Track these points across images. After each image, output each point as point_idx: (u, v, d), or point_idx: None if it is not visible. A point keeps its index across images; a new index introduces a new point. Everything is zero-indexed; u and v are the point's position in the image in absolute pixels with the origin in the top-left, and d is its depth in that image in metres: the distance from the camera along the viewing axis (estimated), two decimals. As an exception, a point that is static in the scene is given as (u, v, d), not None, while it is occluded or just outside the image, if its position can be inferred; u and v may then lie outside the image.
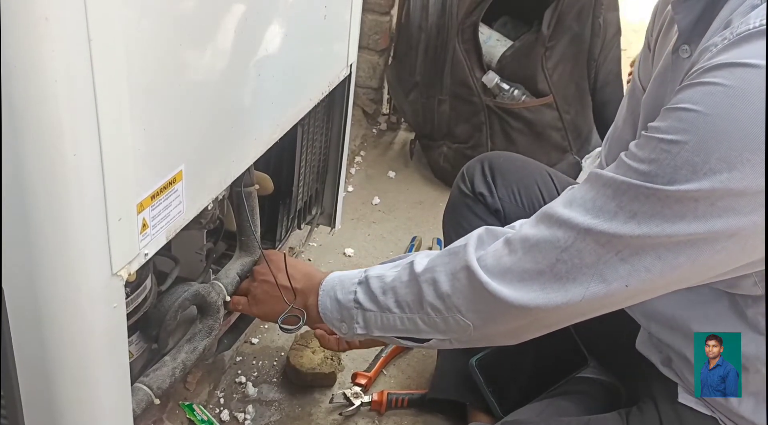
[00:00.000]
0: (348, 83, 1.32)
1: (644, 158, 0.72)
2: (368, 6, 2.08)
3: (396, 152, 2.21)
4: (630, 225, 0.73)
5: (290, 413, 1.31)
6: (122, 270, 0.78)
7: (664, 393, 0.98)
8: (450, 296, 0.87)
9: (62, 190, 0.67)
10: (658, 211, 0.72)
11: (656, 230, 0.72)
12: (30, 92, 0.62)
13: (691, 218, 0.71)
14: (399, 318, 0.92)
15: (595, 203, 0.76)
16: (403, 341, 0.95)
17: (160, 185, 0.81)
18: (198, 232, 1.12)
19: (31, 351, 0.77)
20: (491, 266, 0.84)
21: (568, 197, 0.80)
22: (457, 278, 0.86)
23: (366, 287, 0.95)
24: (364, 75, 2.21)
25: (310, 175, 1.36)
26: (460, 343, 0.91)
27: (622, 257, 0.75)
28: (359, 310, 0.95)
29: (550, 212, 0.81)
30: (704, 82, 0.69)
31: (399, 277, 0.93)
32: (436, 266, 0.89)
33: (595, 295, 0.78)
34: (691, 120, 0.69)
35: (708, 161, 0.68)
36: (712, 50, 0.72)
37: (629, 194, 0.73)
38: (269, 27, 0.97)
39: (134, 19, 0.68)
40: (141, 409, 0.95)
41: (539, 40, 1.88)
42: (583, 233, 0.76)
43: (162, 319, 0.98)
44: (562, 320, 0.85)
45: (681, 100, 0.71)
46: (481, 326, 0.86)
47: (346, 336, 0.99)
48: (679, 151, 0.69)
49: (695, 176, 0.69)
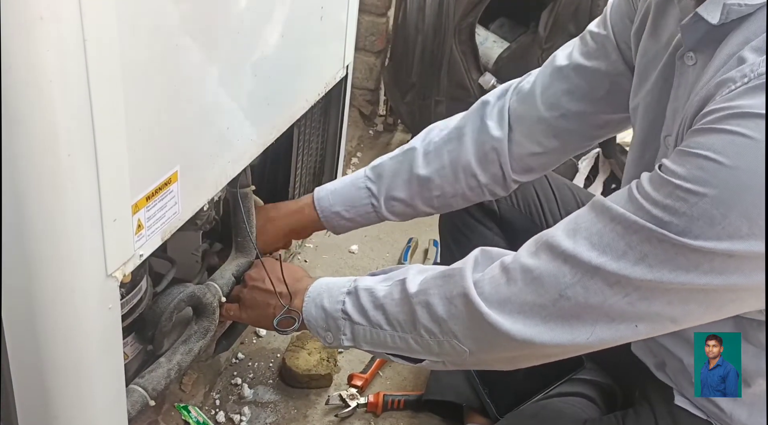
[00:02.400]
0: (344, 84, 1.32)
1: (659, 202, 0.69)
2: (365, 7, 2.07)
3: (393, 154, 2.21)
4: (640, 268, 0.71)
5: (286, 414, 1.31)
6: (117, 271, 0.78)
7: (660, 395, 0.97)
8: (446, 321, 0.85)
9: (57, 190, 0.67)
10: (671, 257, 0.69)
11: (669, 276, 0.70)
12: (25, 92, 0.61)
13: (706, 268, 0.68)
14: (390, 336, 0.90)
15: (602, 238, 0.73)
16: (393, 357, 0.93)
17: (155, 185, 0.81)
18: (194, 233, 1.12)
19: (26, 353, 0.76)
20: (488, 294, 0.81)
21: (572, 227, 0.77)
22: (453, 304, 0.84)
23: (355, 298, 0.93)
24: (360, 76, 2.21)
25: (307, 176, 1.36)
26: (455, 366, 0.90)
27: (629, 301, 0.73)
28: (347, 321, 0.93)
29: (552, 243, 0.77)
30: (728, 131, 0.66)
31: (390, 294, 0.90)
32: (430, 288, 0.87)
33: (602, 335, 0.76)
34: (713, 171, 0.66)
35: (728, 216, 0.65)
36: (731, 87, 0.68)
37: (640, 235, 0.70)
38: (265, 28, 0.97)
39: (129, 20, 0.68)
40: (136, 411, 0.94)
41: (536, 42, 1.88)
42: (591, 272, 0.74)
43: (157, 320, 0.98)
44: (566, 353, 0.82)
45: (701, 146, 0.67)
46: (477, 352, 0.84)
47: (332, 345, 0.97)
48: (697, 202, 0.66)
49: (713, 230, 0.66)
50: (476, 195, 1.12)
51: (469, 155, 1.09)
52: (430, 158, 1.11)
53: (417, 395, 1.33)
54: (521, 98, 1.08)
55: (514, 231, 1.21)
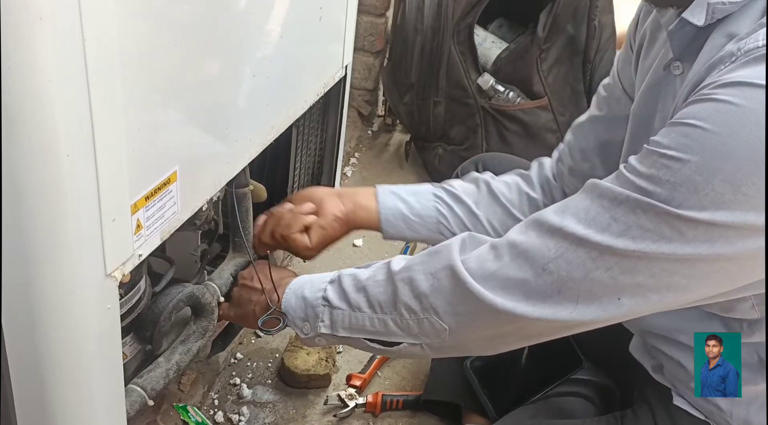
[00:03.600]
0: (343, 85, 1.32)
1: (643, 173, 0.70)
2: (364, 7, 2.08)
3: (391, 154, 2.21)
4: (623, 239, 0.71)
5: (285, 415, 1.31)
6: (116, 271, 0.78)
7: (659, 395, 0.98)
8: (427, 296, 0.84)
9: (56, 190, 0.67)
10: (654, 227, 0.69)
11: (652, 247, 0.70)
12: (24, 92, 0.61)
13: (690, 237, 0.69)
14: (369, 318, 0.90)
15: (588, 212, 0.74)
16: (370, 343, 0.92)
17: (154, 185, 0.81)
18: (192, 233, 1.12)
19: (24, 352, 0.76)
20: (474, 269, 0.81)
21: (562, 205, 0.78)
22: (437, 277, 0.84)
23: (338, 285, 0.93)
24: (359, 76, 2.21)
25: (305, 176, 1.36)
26: (431, 349, 0.88)
27: (612, 274, 0.73)
28: (326, 308, 0.93)
29: (541, 220, 0.78)
30: (713, 99, 0.67)
31: (374, 275, 0.91)
32: (414, 265, 0.87)
33: (585, 310, 0.76)
34: (696, 137, 0.66)
35: (711, 182, 0.66)
36: (721, 68, 0.69)
37: (625, 207, 0.71)
38: (264, 28, 0.97)
39: (129, 20, 0.68)
40: (135, 411, 0.94)
41: (534, 43, 1.88)
42: (575, 245, 0.74)
43: (156, 320, 0.98)
44: (547, 332, 0.82)
45: (686, 115, 0.68)
46: (457, 330, 0.84)
47: (307, 336, 0.95)
48: (680, 168, 0.67)
49: (696, 196, 0.66)
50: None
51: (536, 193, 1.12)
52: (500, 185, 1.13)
53: (415, 395, 1.34)
54: (560, 156, 1.13)
55: None
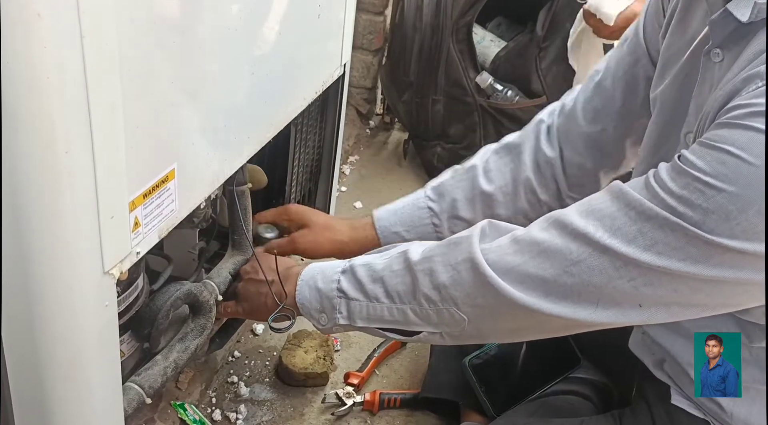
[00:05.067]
0: (342, 83, 1.32)
1: (675, 192, 0.69)
2: (362, 5, 2.08)
3: (390, 152, 2.21)
4: (649, 254, 0.71)
5: (282, 413, 1.31)
6: (114, 269, 0.77)
7: (657, 394, 0.98)
8: (447, 288, 0.84)
9: (54, 187, 0.67)
10: (682, 246, 0.69)
11: (678, 265, 0.70)
12: (22, 90, 0.61)
13: (717, 261, 0.68)
14: (387, 308, 0.89)
15: (615, 221, 0.73)
16: (389, 333, 0.92)
17: (152, 183, 0.81)
18: (190, 231, 1.12)
19: (22, 350, 0.76)
20: (494, 261, 0.81)
21: (586, 208, 0.77)
22: (457, 269, 0.84)
23: (351, 275, 0.92)
24: (358, 75, 2.21)
25: (303, 174, 1.36)
26: (452, 338, 0.88)
27: (634, 285, 0.73)
28: (343, 299, 0.92)
29: (564, 220, 0.78)
30: (753, 128, 0.65)
31: (390, 265, 0.90)
32: (435, 256, 0.87)
33: (605, 314, 0.76)
34: (733, 166, 0.66)
35: (745, 212, 0.65)
36: (758, 84, 0.68)
37: (653, 223, 0.70)
38: (263, 26, 0.97)
39: (127, 17, 0.68)
40: (132, 409, 0.94)
41: (533, 41, 1.88)
42: (599, 253, 0.74)
43: (154, 318, 0.98)
44: (565, 329, 0.82)
45: (724, 140, 0.67)
46: (476, 321, 0.84)
47: (325, 327, 0.95)
48: (714, 195, 0.66)
49: (727, 225, 0.66)
50: (536, 214, 1.11)
51: (528, 171, 1.09)
52: (492, 175, 1.11)
53: (413, 393, 1.34)
54: (565, 115, 1.09)
55: None
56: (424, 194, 1.13)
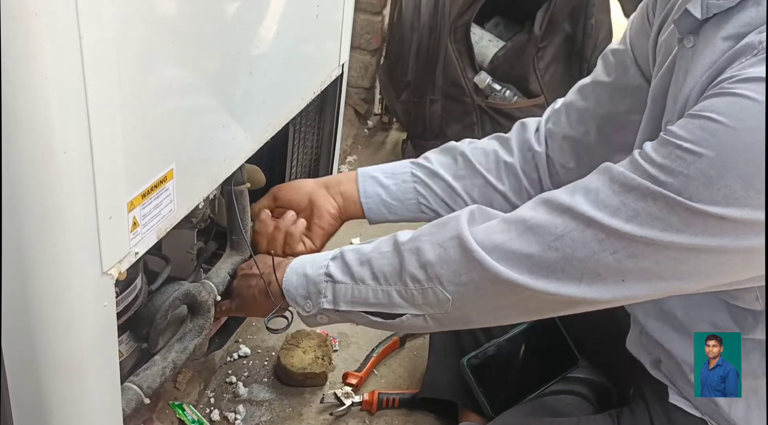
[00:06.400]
0: (340, 83, 1.32)
1: (657, 162, 0.70)
2: (360, 5, 2.08)
3: (388, 152, 2.21)
4: (632, 225, 0.71)
5: (281, 413, 1.31)
6: (112, 269, 0.77)
7: (655, 393, 0.98)
8: (433, 265, 0.84)
9: (52, 188, 0.67)
10: (664, 216, 0.70)
11: (660, 235, 0.70)
12: (20, 90, 0.61)
13: (699, 230, 0.69)
14: (372, 290, 0.89)
15: (598, 194, 0.74)
16: (371, 317, 0.92)
17: (150, 183, 0.81)
18: (189, 231, 1.12)
19: (20, 350, 0.76)
20: (481, 239, 0.82)
21: (572, 185, 0.78)
22: (443, 247, 0.84)
23: (340, 260, 0.93)
24: (356, 75, 2.21)
25: (302, 174, 1.36)
26: (434, 321, 0.88)
27: (617, 257, 0.73)
28: (329, 283, 0.92)
29: (551, 198, 0.79)
30: (732, 93, 0.67)
31: (378, 247, 0.91)
32: (422, 235, 0.87)
33: (590, 288, 0.76)
34: (713, 130, 0.67)
35: (724, 177, 0.66)
36: (742, 61, 0.69)
37: (636, 193, 0.71)
38: (261, 26, 0.97)
39: (125, 17, 0.68)
40: (131, 409, 0.94)
41: (531, 41, 1.88)
42: (582, 226, 0.75)
43: (152, 318, 0.98)
44: (548, 307, 0.82)
45: (706, 108, 0.68)
46: (460, 300, 0.84)
47: (309, 314, 0.95)
48: (694, 161, 0.67)
49: (708, 190, 0.67)
50: (519, 199, 1.13)
51: (514, 158, 1.11)
52: (477, 153, 1.12)
53: (412, 393, 1.33)
54: (552, 117, 1.12)
55: None
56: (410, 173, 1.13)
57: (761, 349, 0.88)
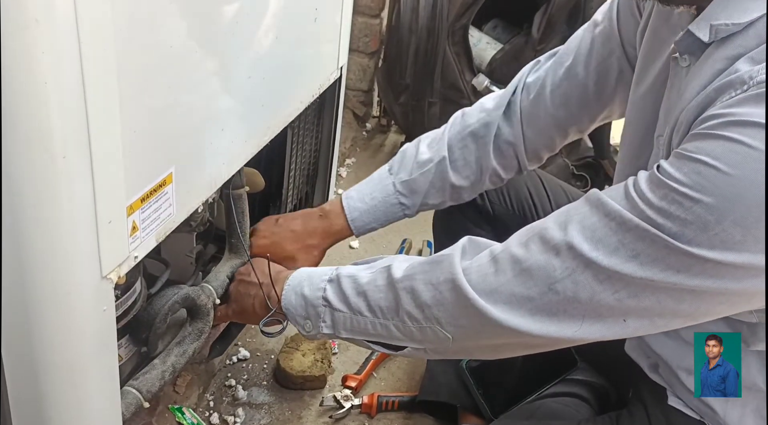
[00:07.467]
0: (338, 86, 1.32)
1: (653, 204, 0.69)
2: (359, 8, 2.08)
3: (386, 155, 2.21)
4: (631, 265, 0.71)
5: (280, 416, 1.31)
6: (112, 273, 0.78)
7: (654, 395, 0.98)
8: (430, 307, 0.84)
9: (52, 192, 0.67)
10: (662, 257, 0.69)
11: (660, 275, 0.70)
12: (20, 95, 0.61)
13: (697, 271, 0.69)
14: (371, 322, 0.89)
15: (595, 232, 0.73)
16: (374, 345, 0.92)
17: (150, 187, 0.81)
18: (188, 235, 1.12)
19: (20, 354, 0.76)
20: (476, 282, 0.81)
21: (564, 219, 0.76)
22: (438, 289, 0.83)
23: (337, 286, 0.92)
24: (354, 77, 2.21)
25: (300, 177, 1.36)
26: (436, 353, 0.89)
27: (618, 297, 0.73)
28: (327, 309, 0.92)
29: (543, 235, 0.77)
30: (728, 138, 0.66)
31: (374, 280, 0.90)
32: (416, 274, 0.86)
33: (590, 329, 0.76)
34: (710, 177, 0.66)
35: (722, 223, 0.65)
36: (731, 94, 0.68)
37: (633, 234, 0.70)
38: (260, 29, 0.97)
39: (124, 22, 0.68)
40: (130, 413, 0.94)
41: (529, 44, 1.88)
42: (582, 267, 0.73)
43: (152, 322, 0.98)
44: (552, 345, 0.82)
45: (701, 151, 0.67)
46: (460, 340, 0.84)
47: (309, 334, 0.95)
48: (692, 206, 0.67)
49: (705, 235, 0.66)
50: (495, 186, 1.19)
51: (492, 161, 1.12)
52: (459, 166, 1.13)
53: (411, 396, 1.34)
54: (533, 98, 1.10)
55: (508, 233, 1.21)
56: (394, 189, 1.14)
57: (757, 360, 0.88)
